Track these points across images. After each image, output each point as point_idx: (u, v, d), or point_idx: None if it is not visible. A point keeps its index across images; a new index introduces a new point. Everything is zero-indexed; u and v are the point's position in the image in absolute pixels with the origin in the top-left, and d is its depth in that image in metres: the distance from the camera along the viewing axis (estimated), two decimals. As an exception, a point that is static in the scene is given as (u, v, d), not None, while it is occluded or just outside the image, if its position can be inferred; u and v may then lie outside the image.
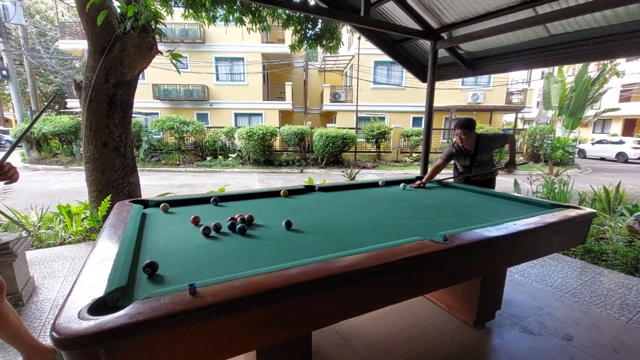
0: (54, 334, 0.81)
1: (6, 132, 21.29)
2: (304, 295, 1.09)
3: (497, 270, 2.08)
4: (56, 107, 23.56)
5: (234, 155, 13.28)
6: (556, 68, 14.75)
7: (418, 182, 3.09)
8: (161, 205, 1.76)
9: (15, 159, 13.49)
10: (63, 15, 21.43)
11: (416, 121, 18.16)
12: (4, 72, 13.22)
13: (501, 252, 1.67)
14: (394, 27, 3.84)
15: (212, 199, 1.62)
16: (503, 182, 10.38)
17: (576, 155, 16.05)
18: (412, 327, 2.18)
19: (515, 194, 2.61)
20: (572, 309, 2.46)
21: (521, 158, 15.14)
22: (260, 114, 18.26)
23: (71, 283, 2.77)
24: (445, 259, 1.39)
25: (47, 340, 2.02)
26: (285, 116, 20.20)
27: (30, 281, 2.68)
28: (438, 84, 4.37)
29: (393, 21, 4.44)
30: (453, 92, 16.80)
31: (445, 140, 15.93)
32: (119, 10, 3.53)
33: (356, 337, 2.07)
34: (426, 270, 1.38)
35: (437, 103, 4.34)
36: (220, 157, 13.32)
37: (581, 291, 2.74)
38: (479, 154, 3.18)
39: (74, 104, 17.38)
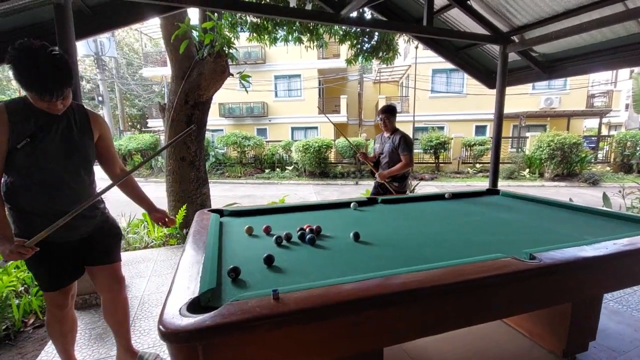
0: (160, 327, 0.90)
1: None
2: (381, 308, 1.07)
3: (593, 296, 1.83)
4: (138, 126, 26.80)
5: (290, 168, 13.76)
6: (650, 65, 12.79)
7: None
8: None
9: (107, 172, 15.53)
10: (146, 46, 24.55)
11: (479, 130, 17.07)
12: (100, 98, 15.52)
13: (599, 275, 1.48)
14: (459, 34, 3.71)
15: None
16: (586, 196, 9.21)
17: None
18: (487, 351, 2.01)
19: (608, 209, 2.30)
20: (690, 347, 2.06)
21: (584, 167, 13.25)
22: (316, 127, 18.73)
23: (155, 283, 3.09)
24: (533, 279, 1.27)
25: (146, 335, 2.26)
26: (340, 129, 20.41)
27: (123, 280, 3.03)
28: (506, 90, 4.07)
29: (457, 28, 4.28)
30: (523, 97, 15.46)
31: (515, 150, 14.66)
32: (197, 39, 3.95)
33: (425, 357, 1.96)
34: (510, 291, 1.27)
35: (504, 109, 4.05)
36: (277, 169, 13.89)
37: (701, 327, 2.29)
38: (386, 143, 3.41)
39: (154, 123, 19.62)
